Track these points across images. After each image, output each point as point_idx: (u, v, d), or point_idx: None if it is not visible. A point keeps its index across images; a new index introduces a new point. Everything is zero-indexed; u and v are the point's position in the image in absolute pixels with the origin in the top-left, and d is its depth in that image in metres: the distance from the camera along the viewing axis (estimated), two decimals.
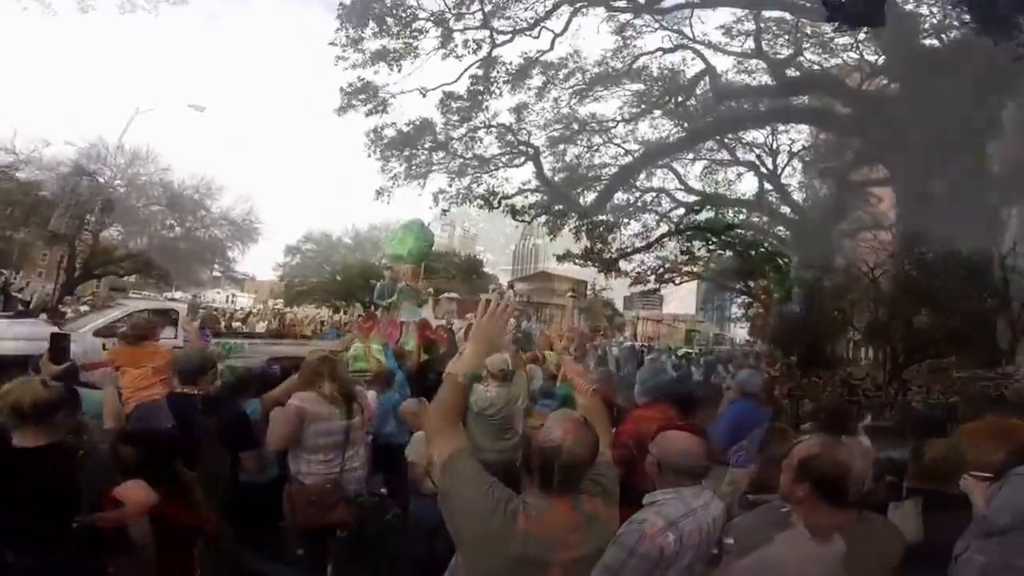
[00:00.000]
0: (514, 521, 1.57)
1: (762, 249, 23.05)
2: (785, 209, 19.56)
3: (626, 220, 20.93)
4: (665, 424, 2.17)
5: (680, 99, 16.81)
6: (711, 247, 24.37)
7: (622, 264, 22.46)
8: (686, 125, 17.64)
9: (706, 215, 21.81)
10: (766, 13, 14.10)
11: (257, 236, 26.13)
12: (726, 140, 18.23)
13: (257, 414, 3.53)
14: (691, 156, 19.34)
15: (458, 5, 14.54)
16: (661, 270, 25.49)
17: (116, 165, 23.72)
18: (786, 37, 14.65)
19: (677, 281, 26.20)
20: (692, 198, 20.13)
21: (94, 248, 25.49)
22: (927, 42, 13.23)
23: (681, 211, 20.70)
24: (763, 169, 19.03)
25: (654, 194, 20.48)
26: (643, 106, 17.54)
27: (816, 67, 14.75)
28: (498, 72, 16.34)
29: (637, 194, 20.34)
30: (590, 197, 19.38)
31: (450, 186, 18.57)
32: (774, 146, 18.50)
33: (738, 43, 15.25)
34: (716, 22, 33.62)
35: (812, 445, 1.80)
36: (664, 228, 21.51)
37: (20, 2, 20.37)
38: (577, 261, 21.52)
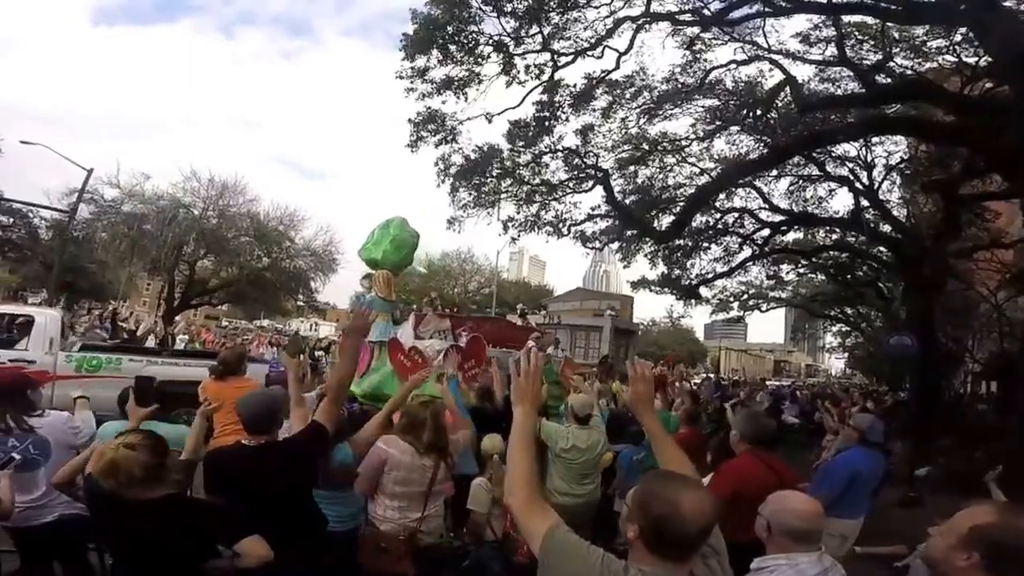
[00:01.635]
0: None
1: (860, 273, 21.86)
2: (886, 227, 18.41)
3: (706, 244, 20.46)
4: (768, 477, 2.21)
5: (759, 112, 16.32)
6: (801, 270, 23.41)
7: (702, 290, 21.98)
8: (767, 140, 17.10)
9: (794, 236, 21.03)
10: (845, 18, 13.53)
11: (337, 266, 27.72)
12: (814, 154, 17.51)
13: (350, 459, 3.47)
14: (775, 173, 18.72)
15: (516, 30, 14.88)
16: (745, 296, 24.71)
17: (209, 197, 26.18)
18: (871, 42, 13.99)
19: (763, 308, 25.26)
20: (778, 218, 19.37)
21: (191, 278, 28.12)
22: None
23: (766, 232, 19.97)
24: (858, 184, 18.10)
25: (736, 215, 19.93)
26: (718, 122, 17.20)
27: (909, 72, 13.97)
28: (562, 95, 16.54)
29: (717, 215, 19.86)
30: (666, 221, 19.06)
31: (518, 213, 18.86)
32: (868, 159, 17.64)
33: (818, 51, 14.68)
34: (791, 30, 32.59)
35: (989, 512, 1.59)
36: (748, 251, 20.83)
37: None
38: (654, 288, 21.25)
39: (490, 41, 15.00)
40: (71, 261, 28.16)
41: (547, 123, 17.03)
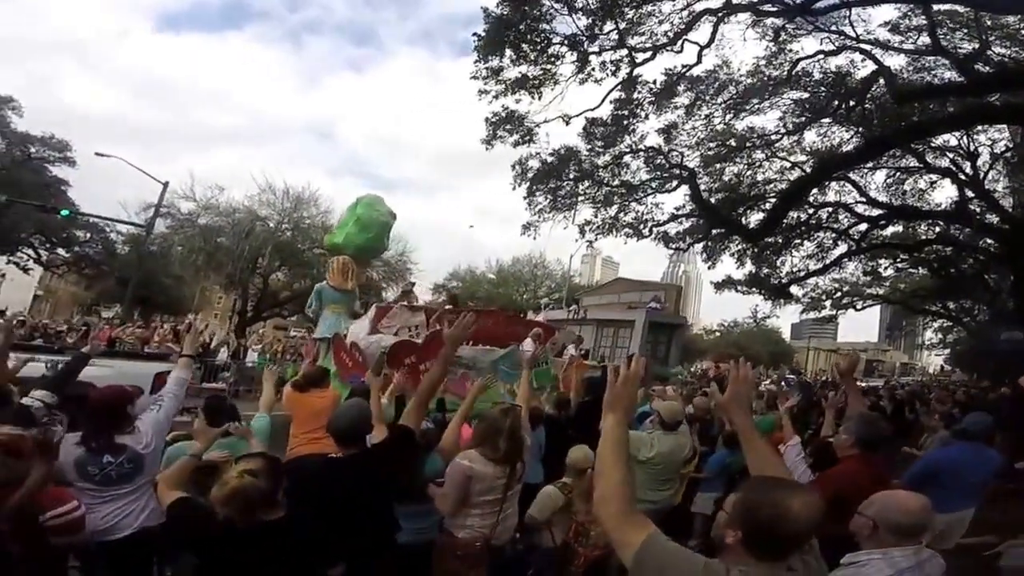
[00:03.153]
0: None
1: (965, 266, 21.48)
2: (992, 218, 18.14)
3: (798, 240, 20.47)
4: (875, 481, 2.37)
5: (852, 103, 16.38)
6: (900, 266, 23.07)
7: (793, 289, 21.92)
8: (862, 131, 17.10)
9: (893, 230, 20.83)
10: (936, 6, 13.52)
11: (409, 275, 28.56)
12: (913, 145, 17.42)
13: (439, 466, 3.71)
14: (871, 165, 18.66)
15: (590, 27, 15.19)
16: (839, 294, 24.40)
17: (283, 209, 27.54)
18: (965, 31, 13.95)
19: (859, 306, 24.92)
20: (876, 211, 19.30)
21: (264, 291, 29.55)
22: None
23: (863, 227, 19.92)
24: (960, 175, 17.94)
25: (830, 209, 19.94)
26: (808, 114, 17.30)
27: (1008, 60, 13.89)
28: (641, 93, 16.87)
29: (810, 211, 19.91)
30: (755, 218, 19.19)
31: (596, 216, 19.10)
32: (971, 148, 17.45)
33: (909, 40, 14.70)
34: (879, 19, 31.81)
35: None
36: (843, 247, 20.74)
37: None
38: (740, 288, 21.32)
39: (564, 40, 15.48)
40: (146, 275, 29.34)
41: (626, 122, 17.40)
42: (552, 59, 15.95)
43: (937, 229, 20.23)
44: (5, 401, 3.89)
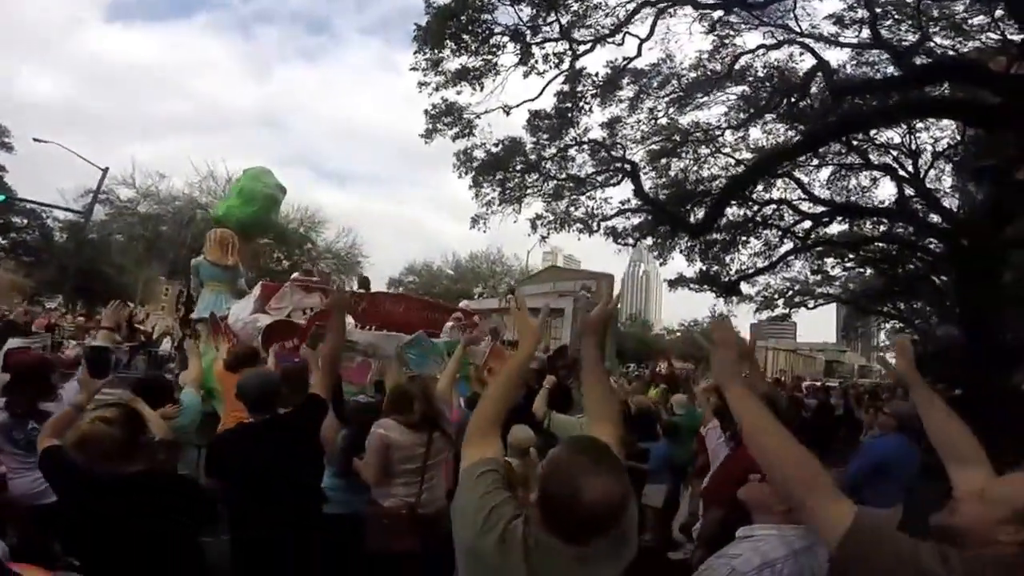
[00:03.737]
0: (511, 549, 1.52)
1: (911, 265, 21.85)
2: (935, 217, 18.46)
3: (744, 237, 20.64)
4: None
5: (793, 99, 16.55)
6: (848, 264, 23.42)
7: (744, 287, 22.10)
8: (803, 128, 17.28)
9: (839, 228, 21.11)
10: None
11: (360, 269, 28.49)
12: (855, 142, 17.67)
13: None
14: (816, 162, 18.90)
15: (533, 18, 15.18)
16: (790, 293, 24.68)
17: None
18: (909, 22, 14.12)
19: (810, 305, 25.25)
20: (819, 209, 19.52)
21: None
22: None
23: (807, 224, 20.12)
24: (902, 172, 18.23)
25: (774, 206, 20.11)
26: (752, 110, 17.44)
27: (951, 52, 14.10)
28: (584, 85, 16.87)
29: (755, 207, 20.05)
30: (701, 214, 19.29)
31: (546, 210, 19.11)
32: (913, 146, 17.74)
33: (852, 33, 14.86)
34: (824, 12, 32.12)
35: None
36: (789, 245, 20.97)
37: None
38: (692, 286, 21.46)
39: (506, 31, 15.42)
40: (87, 264, 28.94)
41: (570, 114, 17.41)
42: (493, 49, 15.91)
43: (882, 228, 20.52)
44: None
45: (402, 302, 9.17)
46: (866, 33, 14.48)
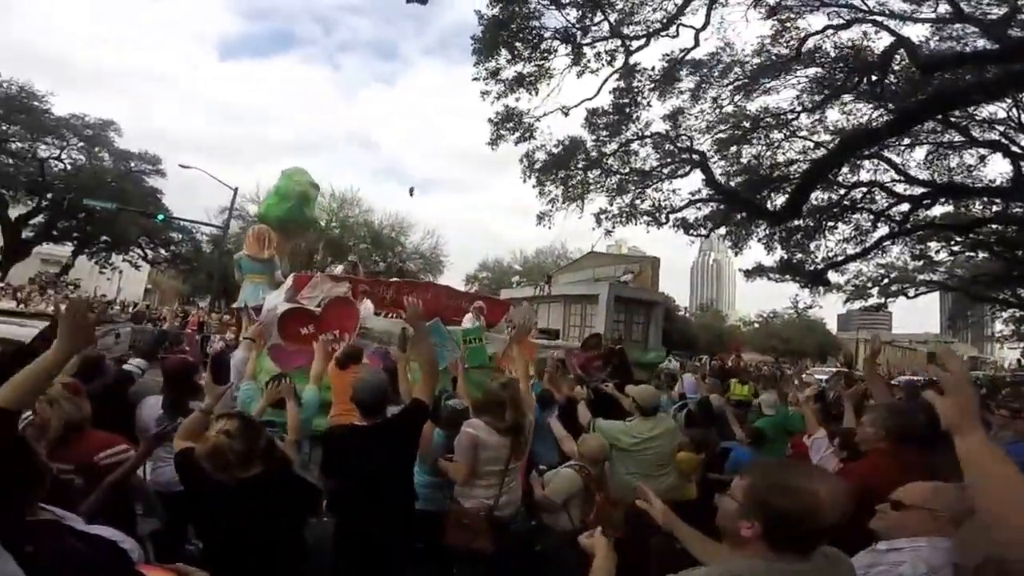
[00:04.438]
0: None
1: None
2: None
3: (831, 223, 19.44)
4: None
5: (874, 78, 15.43)
6: (956, 249, 21.20)
7: (832, 276, 20.81)
8: (890, 106, 16.02)
9: (942, 210, 19.27)
10: None
11: (443, 267, 30.77)
12: (953, 119, 16.11)
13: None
14: (908, 142, 17.39)
15: (580, 19, 15.35)
16: (886, 280, 22.70)
17: (331, 210, 29.99)
18: None
19: (910, 294, 23.07)
20: (918, 190, 17.98)
21: None
22: None
23: (905, 207, 18.58)
24: (1014, 148, 16.37)
25: (864, 190, 18.78)
26: (827, 91, 16.42)
27: None
28: (640, 80, 16.76)
29: (842, 191, 18.87)
30: (780, 200, 18.45)
31: (611, 205, 19.03)
32: (1022, 119, 15.90)
33: (928, 8, 13.66)
34: None
35: None
36: (884, 229, 19.50)
37: None
38: (772, 276, 20.51)
39: (555, 34, 15.73)
40: (227, 271, 33.05)
41: (628, 110, 17.35)
42: (545, 54, 16.30)
43: (995, 208, 18.46)
44: (102, 369, 4.67)
45: (429, 290, 9.21)
46: (943, 8, 13.36)
